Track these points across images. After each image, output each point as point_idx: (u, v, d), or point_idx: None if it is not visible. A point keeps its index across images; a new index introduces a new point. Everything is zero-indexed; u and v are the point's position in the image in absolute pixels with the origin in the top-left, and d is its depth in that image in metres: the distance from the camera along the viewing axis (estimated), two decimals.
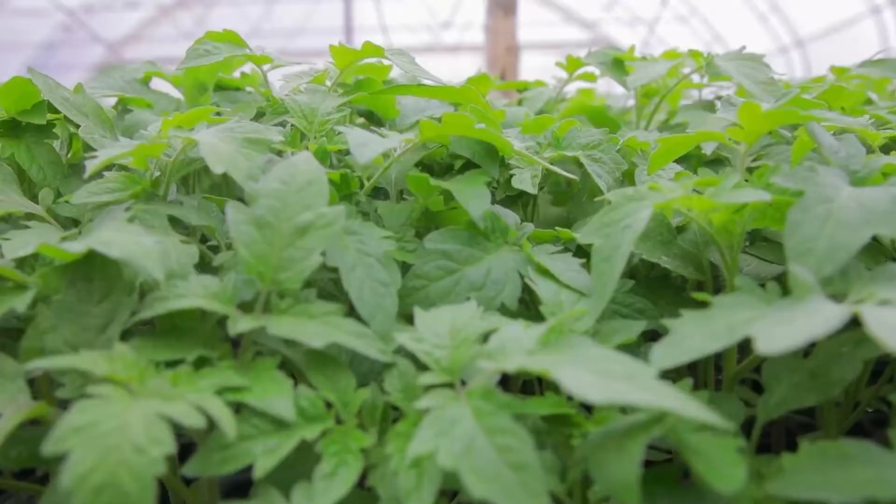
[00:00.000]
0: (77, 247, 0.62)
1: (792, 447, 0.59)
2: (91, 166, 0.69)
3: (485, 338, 0.61)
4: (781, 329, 0.51)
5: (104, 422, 0.51)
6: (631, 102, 1.43)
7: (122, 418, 0.52)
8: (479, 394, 0.55)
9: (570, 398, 0.64)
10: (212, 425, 0.56)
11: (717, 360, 1.02)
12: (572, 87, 1.59)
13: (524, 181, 0.85)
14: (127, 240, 0.63)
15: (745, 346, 0.58)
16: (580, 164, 0.95)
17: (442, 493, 0.57)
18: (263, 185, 0.66)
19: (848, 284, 0.63)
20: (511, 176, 0.87)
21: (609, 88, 2.20)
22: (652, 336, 0.75)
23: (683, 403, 0.49)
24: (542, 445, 0.61)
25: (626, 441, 0.52)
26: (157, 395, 0.55)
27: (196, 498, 0.71)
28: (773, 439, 1.18)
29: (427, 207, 0.81)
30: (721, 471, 0.51)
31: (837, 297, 0.60)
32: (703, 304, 0.61)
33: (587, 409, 0.66)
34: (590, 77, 1.47)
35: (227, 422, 0.55)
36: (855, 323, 0.55)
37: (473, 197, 0.73)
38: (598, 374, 0.52)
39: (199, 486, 0.78)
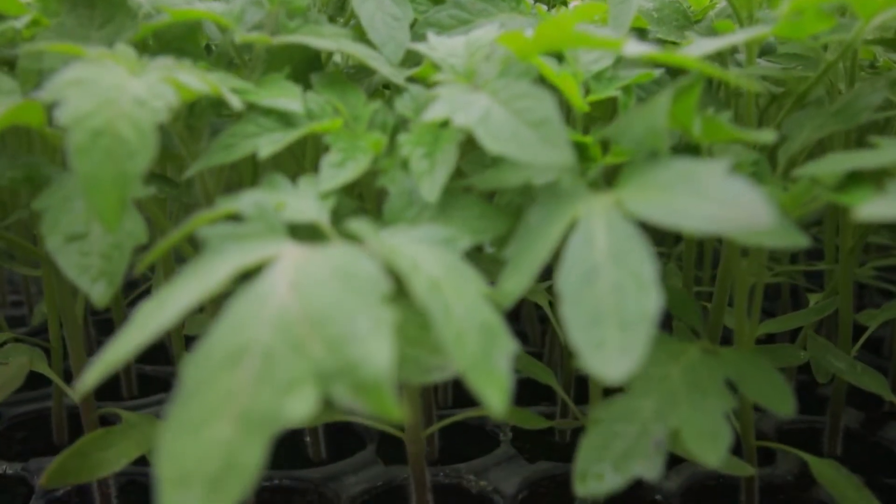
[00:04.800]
0: None
1: None
2: None
3: None
4: None
5: (104, 79, 0.49)
6: None
7: (123, 80, 0.50)
8: (497, 74, 0.53)
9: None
10: None
11: None
12: None
13: None
14: None
15: None
16: None
17: None
18: None
19: None
20: None
21: None
22: None
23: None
24: None
25: (653, 101, 0.49)
26: (159, 70, 0.53)
27: None
28: None
29: None
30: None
31: None
32: None
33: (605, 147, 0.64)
34: None
35: (233, 98, 0.52)
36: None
37: None
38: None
39: None
